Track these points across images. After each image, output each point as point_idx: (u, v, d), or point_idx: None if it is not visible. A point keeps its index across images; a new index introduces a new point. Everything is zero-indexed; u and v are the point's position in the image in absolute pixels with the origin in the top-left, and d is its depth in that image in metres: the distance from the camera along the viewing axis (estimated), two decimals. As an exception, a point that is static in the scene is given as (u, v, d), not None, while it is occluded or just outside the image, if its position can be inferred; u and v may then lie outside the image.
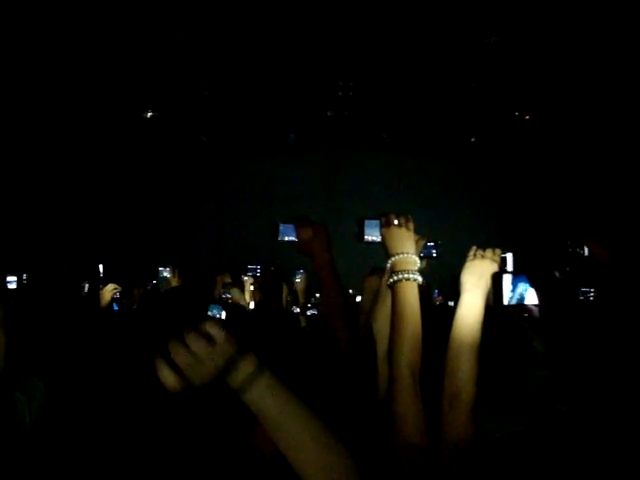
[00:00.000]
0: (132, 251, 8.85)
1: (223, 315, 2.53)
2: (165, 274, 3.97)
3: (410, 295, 1.52)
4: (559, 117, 8.18)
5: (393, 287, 1.56)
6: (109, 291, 3.44)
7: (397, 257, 1.59)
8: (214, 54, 7.08)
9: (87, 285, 3.00)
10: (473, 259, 1.58)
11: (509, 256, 1.36)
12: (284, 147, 9.63)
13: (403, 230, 1.64)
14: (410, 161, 9.92)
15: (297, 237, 1.96)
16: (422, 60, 7.24)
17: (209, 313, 2.46)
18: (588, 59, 6.74)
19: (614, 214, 6.67)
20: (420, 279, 1.57)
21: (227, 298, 4.45)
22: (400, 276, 1.55)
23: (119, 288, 3.51)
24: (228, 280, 4.94)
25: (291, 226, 1.98)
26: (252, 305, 4.45)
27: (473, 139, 9.52)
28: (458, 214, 9.70)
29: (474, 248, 1.63)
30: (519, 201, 9.21)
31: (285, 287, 4.19)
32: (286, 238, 1.98)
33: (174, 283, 3.92)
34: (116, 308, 3.91)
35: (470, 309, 1.47)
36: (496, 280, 1.49)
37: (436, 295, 5.83)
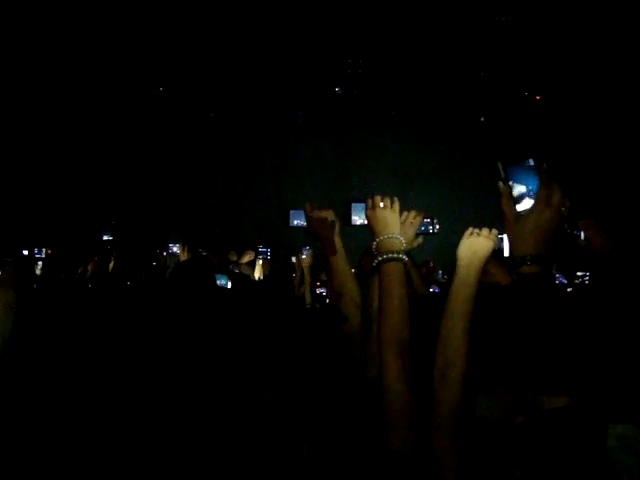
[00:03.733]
0: (142, 232, 8.88)
1: (229, 285, 2.59)
2: (175, 249, 4.06)
3: (396, 275, 1.56)
4: (568, 98, 8.12)
5: (379, 268, 1.60)
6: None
7: (382, 239, 1.63)
8: (223, 30, 7.05)
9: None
10: (469, 236, 1.62)
11: (505, 237, 1.37)
12: (293, 124, 9.62)
13: (388, 212, 1.66)
14: (419, 140, 9.89)
15: (307, 222, 2.02)
16: (433, 38, 7.18)
17: (217, 282, 2.52)
18: (599, 41, 6.67)
19: (614, 200, 6.64)
20: (406, 259, 1.60)
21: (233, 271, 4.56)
22: (385, 257, 1.58)
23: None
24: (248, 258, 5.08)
25: (301, 211, 2.03)
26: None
27: (483, 119, 9.47)
28: (467, 194, 9.69)
29: (471, 228, 1.67)
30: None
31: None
32: (295, 222, 2.04)
33: (184, 258, 4.00)
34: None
35: (464, 284, 1.51)
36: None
37: (440, 276, 5.84)
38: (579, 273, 4.48)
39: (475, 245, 1.58)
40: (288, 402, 1.37)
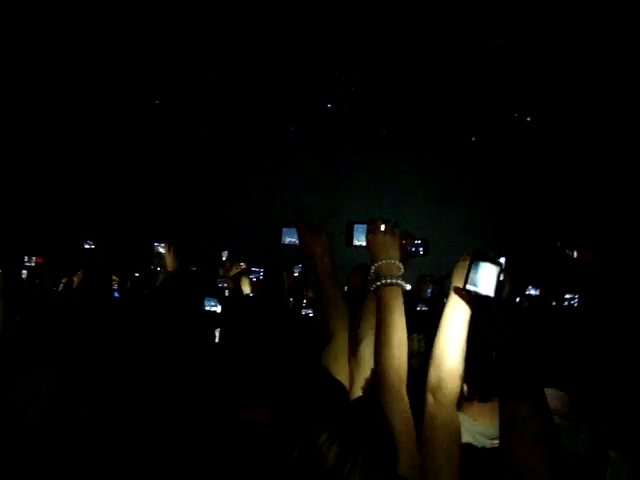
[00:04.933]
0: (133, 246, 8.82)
1: (219, 309, 2.56)
2: (160, 250, 3.97)
3: (394, 300, 1.55)
4: (559, 120, 8.21)
5: (377, 292, 1.59)
6: None
7: (381, 263, 1.62)
8: (217, 44, 7.09)
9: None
10: (466, 258, 1.61)
11: (502, 260, 1.38)
12: (284, 140, 9.65)
13: (388, 237, 1.66)
14: (410, 159, 9.94)
15: (300, 241, 2.02)
16: (425, 58, 7.25)
17: (205, 306, 2.50)
18: (589, 63, 6.76)
19: (609, 222, 6.69)
20: (404, 285, 1.59)
21: (223, 287, 4.53)
22: (384, 281, 1.57)
23: (117, 280, 3.63)
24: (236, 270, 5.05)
25: (293, 230, 2.03)
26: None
27: (473, 139, 9.55)
28: (457, 214, 9.73)
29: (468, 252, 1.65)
30: (517, 203, 9.24)
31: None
32: (287, 240, 2.03)
33: (169, 259, 3.93)
34: (117, 295, 3.94)
35: (459, 306, 1.48)
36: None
37: (429, 294, 5.83)
38: (568, 295, 4.45)
39: None
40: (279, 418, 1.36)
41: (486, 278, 1.34)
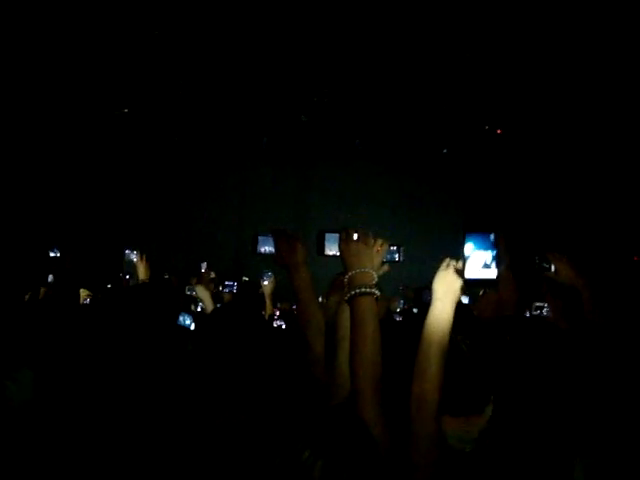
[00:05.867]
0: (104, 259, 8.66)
1: (192, 326, 2.53)
2: (132, 257, 3.89)
3: (368, 310, 1.55)
4: (530, 132, 8.35)
5: (351, 302, 1.59)
6: (82, 297, 3.60)
7: (355, 272, 1.61)
8: (189, 53, 7.06)
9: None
10: (445, 269, 1.61)
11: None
12: (257, 151, 9.64)
13: (361, 245, 1.65)
14: (382, 169, 10.02)
15: (275, 250, 2.00)
16: (397, 69, 7.33)
17: (180, 320, 2.47)
18: (559, 76, 6.90)
19: (587, 238, 6.75)
20: (378, 293, 1.59)
21: (192, 294, 4.48)
22: (357, 291, 1.57)
23: (91, 294, 3.59)
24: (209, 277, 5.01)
25: (269, 238, 2.01)
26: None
27: (445, 150, 9.67)
28: (428, 224, 9.83)
29: (447, 259, 1.65)
30: (488, 213, 9.37)
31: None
32: (263, 250, 2.01)
33: (141, 267, 3.86)
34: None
35: (440, 316, 1.51)
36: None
37: (402, 305, 5.85)
38: (538, 304, 4.47)
39: (450, 278, 1.58)
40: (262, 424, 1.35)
41: (484, 255, 1.32)
